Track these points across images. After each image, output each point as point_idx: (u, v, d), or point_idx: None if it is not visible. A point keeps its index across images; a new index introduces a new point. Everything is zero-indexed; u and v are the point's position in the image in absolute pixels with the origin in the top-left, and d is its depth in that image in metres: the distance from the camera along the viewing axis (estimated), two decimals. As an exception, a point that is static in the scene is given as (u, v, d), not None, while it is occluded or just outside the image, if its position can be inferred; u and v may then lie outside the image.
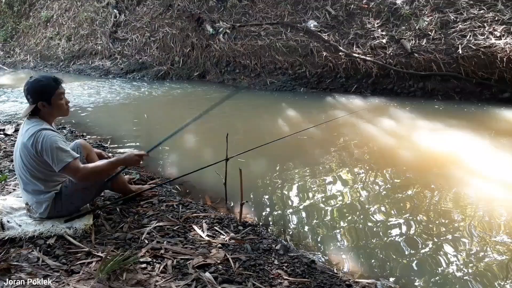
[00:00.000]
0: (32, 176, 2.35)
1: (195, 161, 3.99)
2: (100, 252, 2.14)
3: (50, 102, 2.34)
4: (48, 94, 2.33)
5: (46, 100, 2.33)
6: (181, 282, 1.94)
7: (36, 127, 2.31)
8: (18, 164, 2.39)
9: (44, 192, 2.38)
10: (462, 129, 4.89)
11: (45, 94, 2.32)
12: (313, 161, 4.08)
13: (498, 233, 2.68)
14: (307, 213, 3.05)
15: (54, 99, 2.35)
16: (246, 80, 8.51)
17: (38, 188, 2.37)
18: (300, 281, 2.08)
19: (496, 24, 6.56)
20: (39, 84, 2.32)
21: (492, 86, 6.21)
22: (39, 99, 2.31)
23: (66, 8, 13.62)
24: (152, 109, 7.01)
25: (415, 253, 2.50)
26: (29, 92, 2.32)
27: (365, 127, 5.18)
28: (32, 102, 2.33)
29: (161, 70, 9.85)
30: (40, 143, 2.25)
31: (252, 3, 9.71)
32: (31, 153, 2.29)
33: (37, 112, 2.36)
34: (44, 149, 2.25)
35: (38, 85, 2.32)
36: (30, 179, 2.36)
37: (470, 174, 3.61)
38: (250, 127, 5.66)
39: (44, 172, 2.35)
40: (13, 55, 14.21)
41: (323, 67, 7.68)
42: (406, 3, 7.79)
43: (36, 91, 2.32)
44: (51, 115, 2.41)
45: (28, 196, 2.41)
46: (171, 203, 2.94)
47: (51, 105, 2.35)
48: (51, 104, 2.34)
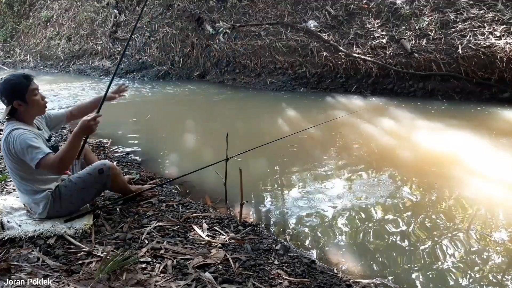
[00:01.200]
0: (20, 177, 2.36)
1: (195, 161, 3.99)
2: (100, 252, 2.14)
3: (25, 100, 2.30)
4: (21, 92, 2.28)
5: (21, 98, 2.29)
6: (181, 282, 1.94)
7: (7, 129, 2.30)
8: (7, 167, 2.41)
9: (37, 191, 2.38)
10: (462, 129, 4.89)
11: (18, 93, 2.28)
12: (313, 161, 4.08)
13: (498, 233, 2.68)
14: (307, 213, 3.05)
15: (28, 96, 2.30)
16: (246, 80, 8.51)
17: (30, 188, 2.37)
18: (300, 281, 2.08)
19: (496, 24, 6.56)
20: (10, 84, 2.28)
21: (492, 86, 6.21)
22: (13, 98, 2.28)
23: (66, 8, 13.63)
24: (152, 109, 7.01)
25: (415, 253, 2.50)
26: (2, 93, 2.29)
27: (365, 127, 5.18)
28: (7, 103, 2.30)
29: (161, 70, 9.86)
30: (13, 144, 2.23)
31: (252, 3, 9.71)
32: (9, 155, 2.29)
33: (14, 114, 2.34)
34: (17, 150, 2.23)
35: (9, 84, 2.28)
36: (20, 180, 2.37)
37: (470, 174, 3.61)
38: (250, 127, 5.66)
39: (28, 172, 2.34)
40: (13, 55, 14.21)
41: (323, 67, 7.68)
42: (406, 3, 7.79)
43: (8, 91, 2.28)
44: (29, 113, 2.37)
45: (24, 197, 2.42)
46: (171, 203, 2.94)
47: (26, 103, 2.31)
48: (26, 102, 2.31)
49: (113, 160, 3.92)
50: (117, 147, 4.63)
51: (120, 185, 2.76)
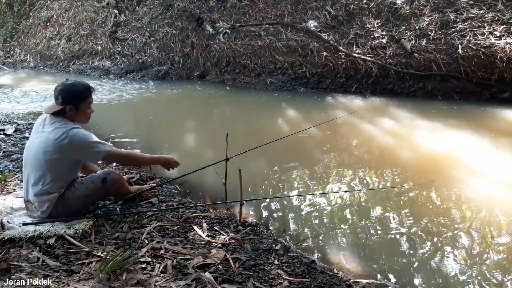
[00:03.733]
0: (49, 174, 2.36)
1: (195, 161, 3.98)
2: (100, 252, 2.14)
3: (77, 108, 2.42)
4: (79, 100, 2.42)
5: (75, 105, 2.41)
6: (181, 282, 1.94)
7: (66, 126, 2.37)
8: (32, 159, 2.39)
9: (49, 192, 2.39)
10: (462, 129, 4.89)
11: (76, 99, 2.41)
12: (313, 161, 4.08)
13: (498, 233, 2.68)
14: (307, 213, 3.05)
15: (81, 106, 2.44)
16: (246, 80, 8.51)
17: (45, 188, 2.37)
18: (300, 281, 2.08)
19: (496, 24, 6.56)
20: (74, 89, 2.41)
21: (492, 86, 6.21)
22: (68, 102, 2.39)
23: (66, 8, 13.62)
24: (152, 109, 7.01)
25: (415, 253, 2.50)
26: (62, 93, 2.39)
27: (365, 127, 5.18)
28: (60, 103, 2.40)
29: (161, 70, 9.85)
30: (76, 141, 2.33)
31: (252, 3, 9.70)
32: (57, 150, 2.32)
33: (61, 114, 2.42)
34: (79, 146, 2.35)
35: (73, 89, 2.41)
36: (43, 176, 2.36)
37: (470, 174, 3.61)
38: (250, 127, 5.66)
39: (62, 171, 2.40)
40: (13, 55, 14.21)
41: (323, 67, 7.68)
42: (406, 3, 7.79)
43: (69, 94, 2.39)
44: (73, 119, 2.47)
45: (32, 194, 2.40)
46: (171, 203, 2.94)
47: (77, 111, 2.43)
48: (78, 110, 2.43)
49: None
50: (117, 146, 4.62)
51: (123, 193, 2.77)
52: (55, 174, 2.38)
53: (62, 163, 2.38)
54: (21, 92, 8.38)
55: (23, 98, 7.66)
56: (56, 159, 2.34)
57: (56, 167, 2.37)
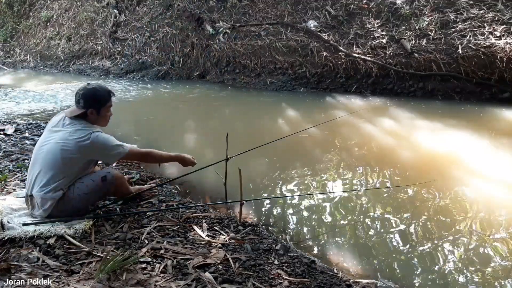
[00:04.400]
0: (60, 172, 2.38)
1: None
2: (100, 252, 2.14)
3: (99, 112, 2.50)
4: (100, 104, 2.49)
5: (97, 109, 2.48)
6: (181, 282, 1.94)
7: (88, 129, 2.45)
8: (45, 156, 2.39)
9: (54, 189, 2.39)
10: (462, 129, 4.89)
11: (97, 103, 2.48)
12: (313, 161, 4.08)
13: (498, 233, 2.68)
14: (307, 213, 3.05)
15: (103, 110, 2.52)
16: (246, 80, 8.52)
17: (51, 185, 2.37)
18: (300, 281, 2.08)
19: (496, 24, 6.56)
20: (96, 93, 2.48)
21: (492, 86, 6.21)
22: (90, 106, 2.46)
23: (66, 8, 13.62)
24: (152, 109, 7.01)
25: (415, 253, 2.50)
26: (84, 97, 2.45)
27: (365, 127, 5.18)
28: (82, 107, 2.46)
29: (161, 70, 9.86)
30: (98, 143, 2.42)
31: (252, 3, 9.71)
32: (77, 150, 2.38)
33: (82, 117, 2.48)
34: (100, 148, 2.44)
35: (95, 93, 2.48)
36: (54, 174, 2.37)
37: (470, 174, 3.61)
38: (250, 127, 5.66)
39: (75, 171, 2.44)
40: (13, 55, 14.21)
41: (323, 67, 7.68)
42: (406, 3, 7.79)
43: (91, 98, 2.46)
44: (94, 123, 2.53)
45: (39, 190, 2.39)
46: (171, 203, 2.94)
47: (98, 115, 2.51)
48: (99, 113, 2.51)
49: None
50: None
51: (123, 192, 2.78)
52: (68, 171, 2.42)
53: (78, 162, 2.44)
54: (21, 92, 8.38)
55: (23, 98, 7.66)
56: (74, 158, 2.41)
57: (71, 165, 2.42)
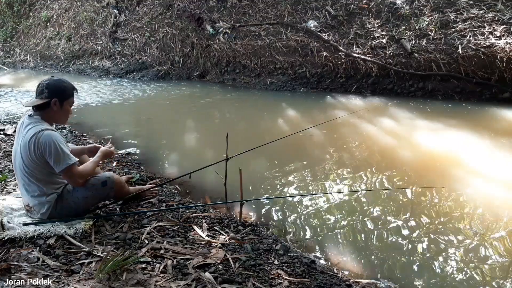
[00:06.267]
0: (34, 178, 2.35)
1: (195, 161, 3.98)
2: (100, 252, 2.14)
3: (62, 104, 2.42)
4: (64, 96, 2.42)
5: (60, 100, 2.40)
6: (181, 282, 1.94)
7: (38, 126, 2.32)
8: (18, 165, 2.38)
9: (46, 194, 2.39)
10: (462, 129, 4.89)
11: (62, 95, 2.41)
12: (313, 161, 4.08)
13: (498, 233, 2.68)
14: (307, 213, 3.05)
15: (66, 103, 2.44)
16: (246, 80, 8.52)
17: (40, 190, 2.37)
18: (300, 281, 2.08)
19: (496, 24, 6.56)
20: (62, 84, 2.44)
21: (492, 86, 6.21)
22: (55, 96, 2.38)
23: (66, 8, 13.61)
24: (152, 109, 7.01)
25: (415, 253, 2.50)
26: (49, 87, 2.38)
27: (365, 127, 5.18)
28: (46, 97, 2.38)
29: (161, 70, 9.85)
30: (43, 143, 2.26)
31: (252, 3, 9.70)
32: (31, 153, 2.29)
33: (42, 109, 2.39)
34: (47, 149, 2.27)
35: (61, 84, 2.43)
36: (32, 180, 2.36)
37: (470, 174, 3.61)
38: (250, 127, 5.66)
39: (44, 173, 2.36)
40: (13, 55, 14.20)
41: (323, 67, 7.68)
42: (406, 3, 7.79)
43: (56, 89, 2.40)
44: (53, 117, 2.45)
45: (30, 198, 2.40)
46: (171, 203, 2.94)
47: (61, 107, 2.42)
48: (62, 106, 2.42)
49: (113, 160, 3.92)
50: (117, 146, 4.62)
51: (123, 195, 2.77)
52: (40, 176, 2.35)
53: (40, 165, 2.33)
54: (21, 92, 8.38)
55: (23, 98, 7.66)
56: (33, 162, 2.31)
57: (38, 169, 2.34)
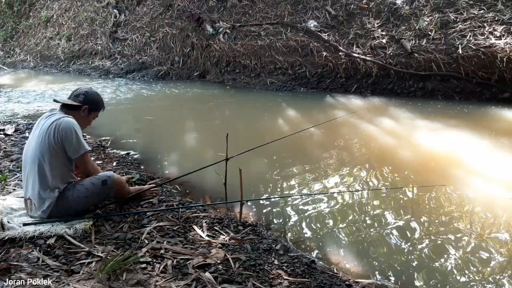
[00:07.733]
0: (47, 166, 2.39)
1: (195, 161, 3.98)
2: (100, 252, 2.14)
3: (89, 113, 2.67)
4: (95, 108, 2.69)
5: (90, 110, 2.64)
6: (181, 282, 1.94)
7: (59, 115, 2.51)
8: (31, 154, 2.43)
9: (51, 188, 2.40)
10: (462, 129, 4.89)
11: (93, 106, 2.67)
12: (313, 161, 4.08)
13: (498, 233, 2.68)
14: (307, 213, 3.05)
15: (93, 113, 2.70)
16: (246, 80, 8.52)
17: (47, 183, 2.39)
18: (300, 281, 2.08)
19: (496, 24, 6.56)
20: (97, 97, 2.72)
21: (492, 86, 6.22)
22: (87, 104, 2.62)
23: (66, 8, 13.62)
24: (152, 109, 7.01)
25: (415, 253, 2.50)
26: (86, 94, 2.64)
27: (365, 127, 5.18)
28: (80, 101, 2.61)
29: (161, 70, 9.86)
30: (64, 128, 2.41)
31: (252, 3, 9.71)
32: (51, 138, 2.40)
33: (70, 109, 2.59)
34: (68, 135, 2.41)
35: (97, 97, 2.71)
36: (44, 169, 2.39)
37: (470, 174, 3.61)
38: (250, 127, 5.66)
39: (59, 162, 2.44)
40: (13, 55, 14.21)
41: (323, 67, 7.68)
42: (406, 3, 7.79)
43: (92, 98, 2.66)
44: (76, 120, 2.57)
45: (34, 191, 2.41)
46: (171, 203, 2.94)
47: (87, 116, 2.66)
48: (89, 115, 2.67)
49: (113, 160, 3.92)
50: (117, 146, 4.62)
51: (124, 195, 2.77)
52: (52, 165, 2.41)
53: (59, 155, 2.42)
54: (21, 92, 8.38)
55: (23, 98, 7.66)
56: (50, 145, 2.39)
57: (53, 157, 2.41)
